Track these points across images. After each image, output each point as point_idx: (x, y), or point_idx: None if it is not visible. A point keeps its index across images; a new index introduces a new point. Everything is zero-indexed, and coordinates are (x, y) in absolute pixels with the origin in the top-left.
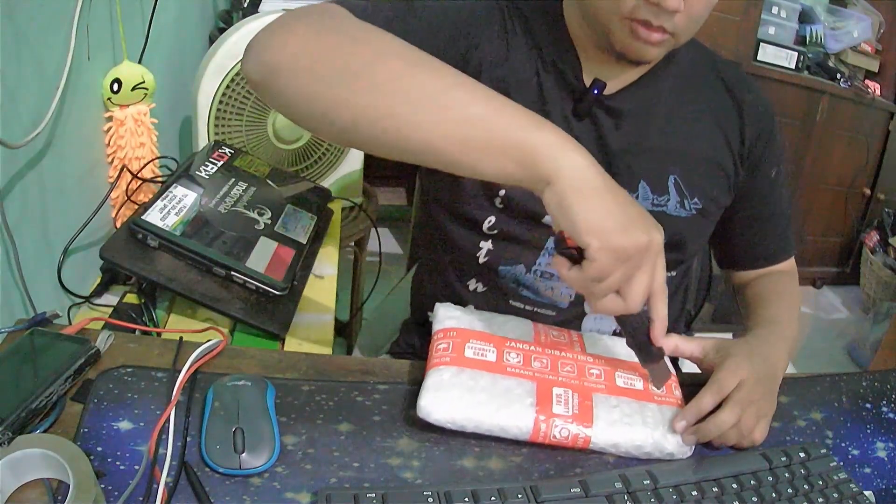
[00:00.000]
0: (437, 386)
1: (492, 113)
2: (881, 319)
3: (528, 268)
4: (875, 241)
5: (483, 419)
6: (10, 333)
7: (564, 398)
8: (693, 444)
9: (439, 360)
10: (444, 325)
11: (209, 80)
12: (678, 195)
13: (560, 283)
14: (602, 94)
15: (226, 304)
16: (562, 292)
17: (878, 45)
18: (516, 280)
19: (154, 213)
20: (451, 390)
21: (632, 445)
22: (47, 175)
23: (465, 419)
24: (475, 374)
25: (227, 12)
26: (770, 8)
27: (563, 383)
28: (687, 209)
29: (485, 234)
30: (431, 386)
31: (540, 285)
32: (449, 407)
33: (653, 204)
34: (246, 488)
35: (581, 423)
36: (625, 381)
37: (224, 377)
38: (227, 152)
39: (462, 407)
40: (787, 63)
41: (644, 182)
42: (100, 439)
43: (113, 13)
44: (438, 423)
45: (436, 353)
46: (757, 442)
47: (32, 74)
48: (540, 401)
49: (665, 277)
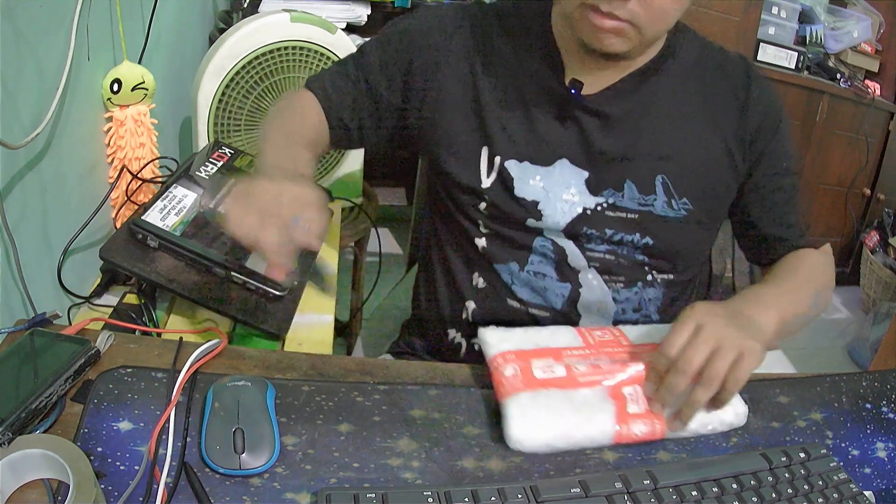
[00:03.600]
0: (522, 414)
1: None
2: (881, 319)
3: (522, 266)
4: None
5: (572, 435)
6: (10, 334)
7: (635, 396)
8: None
9: (512, 387)
10: (500, 350)
11: (209, 80)
12: (665, 195)
13: (553, 282)
14: (584, 96)
15: (226, 304)
16: (555, 291)
17: (878, 45)
18: (512, 278)
19: (154, 213)
20: (536, 415)
21: (698, 424)
22: (47, 175)
23: (555, 439)
24: (550, 393)
25: (227, 12)
26: (770, 8)
27: (629, 381)
28: (675, 209)
29: (480, 232)
30: (516, 415)
31: (534, 284)
32: (539, 433)
33: (639, 203)
34: (246, 488)
35: (655, 416)
36: None
37: (224, 377)
38: (227, 152)
39: (550, 428)
40: (787, 63)
41: (630, 181)
42: (100, 440)
43: (113, 13)
44: (532, 451)
45: (505, 380)
46: (741, 382)
47: (32, 74)
48: (617, 404)
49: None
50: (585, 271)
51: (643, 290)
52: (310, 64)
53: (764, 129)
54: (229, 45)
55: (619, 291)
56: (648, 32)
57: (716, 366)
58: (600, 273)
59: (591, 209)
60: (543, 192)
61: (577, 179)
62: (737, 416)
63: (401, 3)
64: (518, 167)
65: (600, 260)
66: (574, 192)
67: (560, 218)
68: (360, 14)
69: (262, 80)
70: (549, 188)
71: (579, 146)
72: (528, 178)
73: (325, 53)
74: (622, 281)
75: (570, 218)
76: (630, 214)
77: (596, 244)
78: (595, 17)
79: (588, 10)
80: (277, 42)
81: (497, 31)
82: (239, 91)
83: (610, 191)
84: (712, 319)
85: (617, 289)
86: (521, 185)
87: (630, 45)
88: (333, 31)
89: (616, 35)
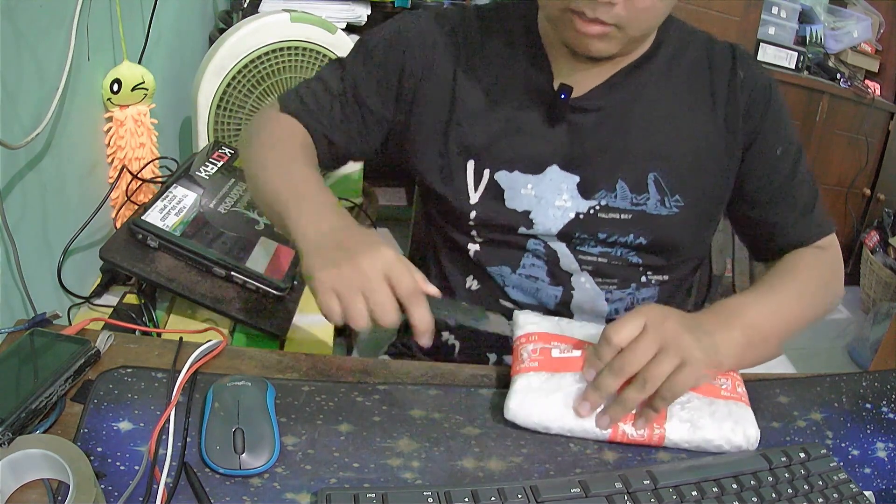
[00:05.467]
0: (526, 390)
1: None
2: (881, 319)
3: (514, 269)
4: (875, 242)
5: (568, 422)
6: (10, 334)
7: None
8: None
9: (528, 365)
10: (526, 330)
11: (209, 80)
12: (658, 193)
13: (545, 284)
14: (572, 98)
15: (226, 304)
16: (547, 293)
17: (878, 45)
18: (504, 280)
19: (154, 213)
20: (538, 394)
21: (703, 440)
22: (47, 175)
23: (550, 421)
24: (561, 377)
25: (227, 12)
26: (770, 8)
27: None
28: (667, 207)
29: (471, 239)
30: (520, 390)
31: (526, 285)
32: (536, 411)
33: (632, 203)
34: (246, 489)
35: (656, 422)
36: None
37: (224, 378)
38: (227, 152)
39: (548, 411)
40: (787, 63)
41: (622, 181)
42: (100, 440)
43: (113, 13)
44: (525, 426)
45: (522, 357)
46: (677, 392)
47: (32, 74)
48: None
49: (413, 284)
50: (578, 274)
51: (636, 291)
52: (310, 64)
53: (754, 108)
54: (229, 45)
55: (613, 292)
56: (635, 33)
57: (653, 369)
58: (593, 276)
59: (583, 213)
60: (535, 200)
61: (568, 184)
62: (746, 438)
63: (401, 3)
64: (508, 178)
65: (593, 263)
66: (566, 198)
67: (552, 224)
68: (360, 14)
69: (262, 81)
70: (541, 195)
71: (570, 149)
72: (520, 187)
73: (325, 53)
74: (615, 283)
75: (562, 224)
76: (623, 215)
77: (589, 247)
78: (580, 23)
79: (573, 14)
80: (277, 42)
81: (480, 35)
82: (239, 91)
83: (603, 192)
84: (662, 322)
85: (610, 290)
86: (512, 195)
87: (617, 46)
88: (333, 31)
89: (601, 39)
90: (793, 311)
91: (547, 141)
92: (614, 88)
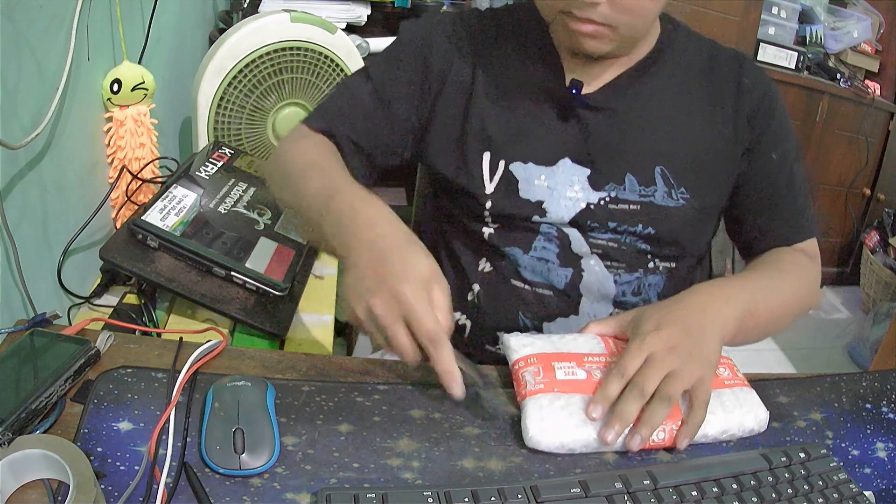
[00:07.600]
0: (540, 415)
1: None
2: (881, 319)
3: (526, 250)
4: (875, 242)
5: (589, 440)
6: (10, 334)
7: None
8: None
9: (533, 388)
10: (522, 354)
11: (209, 80)
12: (665, 185)
13: (556, 266)
14: (583, 95)
15: (226, 304)
16: (558, 274)
17: (878, 45)
18: (517, 260)
19: (154, 213)
20: (554, 416)
21: (719, 431)
22: (47, 175)
23: (572, 442)
24: (570, 397)
25: (227, 13)
26: (770, 8)
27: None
28: (675, 199)
29: (486, 224)
30: (534, 415)
31: (538, 267)
32: (556, 433)
33: (640, 195)
34: (246, 489)
35: (673, 423)
36: None
37: (224, 378)
38: (227, 153)
39: (568, 431)
40: (787, 63)
41: (630, 174)
42: (100, 440)
43: (113, 14)
44: (548, 451)
45: (526, 381)
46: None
47: (32, 75)
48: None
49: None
50: (588, 257)
51: (644, 276)
52: (310, 64)
53: (760, 114)
54: (229, 45)
55: (621, 275)
56: (626, 32)
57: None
58: (602, 259)
59: (594, 204)
60: (548, 191)
61: (580, 176)
62: (758, 421)
63: (401, 3)
64: (523, 169)
65: (603, 247)
66: (577, 189)
67: (564, 213)
68: (360, 14)
69: (262, 81)
70: (554, 186)
71: (581, 144)
72: (534, 178)
73: (325, 54)
74: (623, 267)
75: (573, 213)
76: (632, 206)
77: (599, 233)
78: (572, 23)
79: (566, 15)
80: (277, 42)
81: (496, 36)
82: (239, 91)
83: (612, 185)
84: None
85: (619, 273)
86: (526, 187)
87: (611, 45)
88: (333, 31)
89: (593, 38)
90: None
91: (559, 135)
92: (622, 90)
